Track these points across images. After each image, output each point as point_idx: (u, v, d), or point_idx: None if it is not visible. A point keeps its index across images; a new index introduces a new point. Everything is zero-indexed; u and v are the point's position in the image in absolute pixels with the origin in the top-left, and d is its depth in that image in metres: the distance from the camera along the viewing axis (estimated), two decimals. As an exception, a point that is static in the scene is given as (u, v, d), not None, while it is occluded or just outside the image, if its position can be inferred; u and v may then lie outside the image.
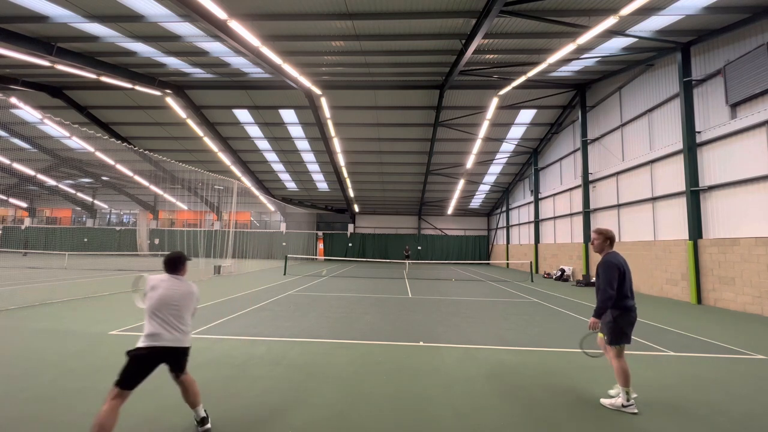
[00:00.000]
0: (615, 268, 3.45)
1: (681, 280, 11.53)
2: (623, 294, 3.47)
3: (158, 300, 2.83)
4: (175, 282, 2.97)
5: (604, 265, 3.51)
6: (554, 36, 12.27)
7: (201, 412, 2.96)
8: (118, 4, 11.37)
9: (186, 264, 3.11)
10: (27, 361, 4.53)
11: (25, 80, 17.73)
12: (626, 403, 3.44)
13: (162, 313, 2.82)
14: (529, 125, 20.55)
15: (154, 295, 2.85)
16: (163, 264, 3.05)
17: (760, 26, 9.66)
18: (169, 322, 2.83)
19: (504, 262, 28.36)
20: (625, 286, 3.48)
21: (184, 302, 2.94)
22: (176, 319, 2.86)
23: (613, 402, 3.53)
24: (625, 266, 3.53)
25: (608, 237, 3.66)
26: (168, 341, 2.80)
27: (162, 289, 2.88)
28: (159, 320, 2.81)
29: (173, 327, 2.84)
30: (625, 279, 3.48)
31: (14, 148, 25.30)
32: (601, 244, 3.68)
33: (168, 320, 2.83)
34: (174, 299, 2.88)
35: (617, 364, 3.51)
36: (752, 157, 9.58)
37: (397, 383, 4.07)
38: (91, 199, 35.51)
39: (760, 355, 5.44)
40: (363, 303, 9.61)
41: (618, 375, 3.49)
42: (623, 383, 3.46)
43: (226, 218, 34.42)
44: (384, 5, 11.07)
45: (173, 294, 2.89)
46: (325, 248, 34.36)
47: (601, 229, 3.74)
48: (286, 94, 18.23)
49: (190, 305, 3.00)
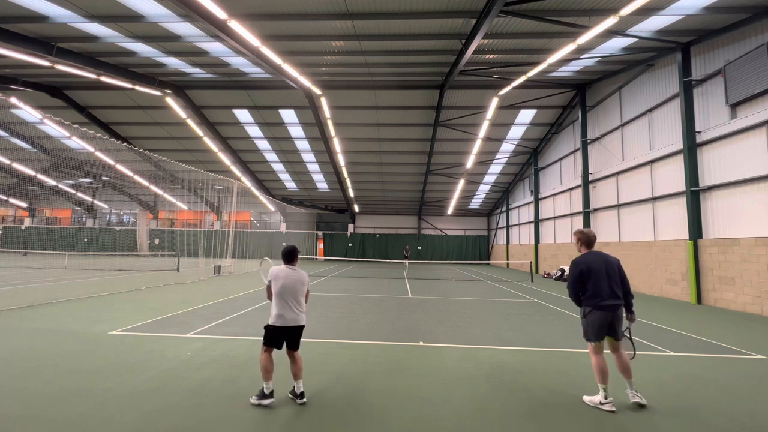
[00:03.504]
0: (576, 269, 3.62)
1: (681, 280, 11.53)
2: (593, 293, 3.55)
3: (282, 287, 3.54)
4: (291, 272, 3.65)
5: (570, 265, 3.72)
6: (554, 36, 12.26)
7: (300, 386, 3.52)
8: (118, 4, 11.37)
9: (298, 255, 3.79)
10: (27, 361, 4.53)
11: (25, 80, 17.73)
12: (603, 401, 3.49)
13: (285, 298, 3.53)
14: (529, 125, 20.55)
15: (277, 283, 3.55)
16: (281, 255, 3.77)
17: (760, 26, 9.65)
18: (291, 304, 3.55)
19: (504, 262, 28.36)
20: (593, 285, 3.55)
21: (300, 287, 3.63)
22: (295, 302, 3.58)
23: (591, 399, 3.58)
24: (595, 266, 3.58)
25: (579, 239, 3.83)
26: (290, 321, 3.53)
27: (282, 278, 3.57)
28: (283, 303, 3.53)
29: (293, 309, 3.55)
30: (590, 278, 3.55)
31: (14, 148, 25.29)
32: (576, 245, 3.89)
33: (290, 303, 3.55)
34: (292, 286, 3.58)
35: (593, 360, 3.60)
36: (752, 157, 9.58)
37: (397, 383, 4.07)
38: (91, 199, 35.51)
39: (760, 355, 5.44)
40: (363, 303, 9.60)
41: (594, 370, 3.58)
42: (599, 380, 3.54)
43: (226, 218, 34.41)
44: (384, 5, 11.06)
45: (292, 282, 3.59)
46: (325, 248, 34.36)
47: (577, 230, 3.91)
48: (286, 94, 18.23)
49: (303, 289, 3.68)
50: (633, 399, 3.55)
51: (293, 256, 3.74)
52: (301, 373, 3.59)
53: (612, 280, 3.57)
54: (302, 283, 3.65)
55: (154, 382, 3.94)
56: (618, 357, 3.62)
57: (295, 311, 3.55)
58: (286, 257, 3.74)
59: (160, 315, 7.40)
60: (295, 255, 3.75)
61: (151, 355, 4.84)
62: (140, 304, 8.54)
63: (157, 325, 6.42)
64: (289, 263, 3.72)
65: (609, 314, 3.53)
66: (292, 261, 3.73)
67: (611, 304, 3.52)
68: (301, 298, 3.63)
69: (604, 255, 3.69)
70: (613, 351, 3.65)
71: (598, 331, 3.55)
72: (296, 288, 3.59)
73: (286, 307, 3.52)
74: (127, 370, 4.26)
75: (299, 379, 3.56)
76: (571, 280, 3.65)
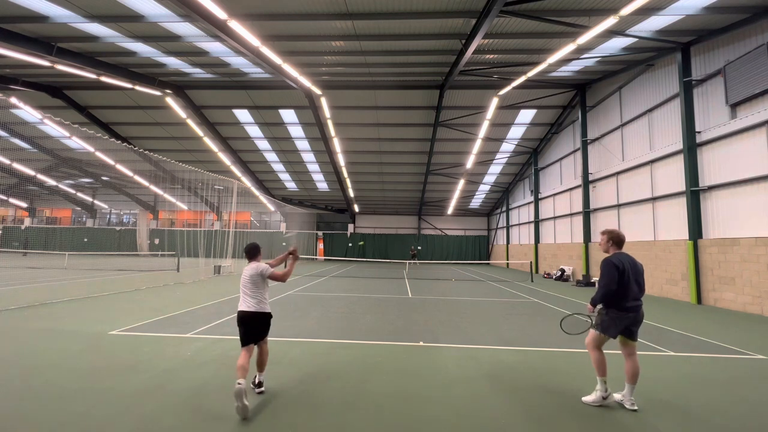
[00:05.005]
0: (613, 267, 3.55)
1: (681, 280, 11.53)
2: (620, 294, 3.53)
3: (241, 282, 3.87)
4: (248, 267, 3.88)
5: (604, 264, 3.64)
6: (554, 36, 12.26)
7: (260, 377, 3.80)
8: (118, 4, 11.37)
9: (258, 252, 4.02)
10: (27, 360, 4.53)
11: (25, 80, 17.73)
12: (605, 394, 3.52)
13: (243, 289, 3.79)
14: (529, 125, 20.55)
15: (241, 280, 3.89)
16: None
17: (760, 26, 9.65)
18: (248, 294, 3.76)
19: (504, 262, 28.36)
20: (624, 287, 3.52)
21: (256, 279, 3.80)
22: (253, 291, 3.77)
23: (592, 399, 3.59)
24: (628, 267, 3.57)
25: (611, 238, 3.78)
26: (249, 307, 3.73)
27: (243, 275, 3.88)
28: (243, 294, 3.79)
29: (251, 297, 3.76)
30: (623, 280, 3.53)
31: (14, 148, 25.29)
32: (605, 244, 3.82)
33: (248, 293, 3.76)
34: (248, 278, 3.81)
35: (593, 353, 3.62)
36: (752, 157, 9.58)
37: (397, 383, 4.07)
38: (91, 199, 35.50)
39: (760, 355, 5.44)
40: (363, 303, 9.61)
41: (594, 364, 3.60)
42: (599, 373, 3.56)
43: (226, 218, 34.40)
44: (384, 5, 11.06)
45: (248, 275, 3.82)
46: (325, 248, 34.36)
47: (607, 230, 3.85)
48: (286, 94, 18.23)
49: (259, 279, 3.83)
50: (627, 404, 3.53)
51: (253, 253, 3.99)
52: (264, 366, 3.84)
53: (637, 283, 3.59)
54: (258, 275, 3.83)
55: (154, 382, 3.94)
56: (631, 361, 3.57)
57: (253, 299, 3.74)
58: (247, 255, 4.02)
59: (160, 315, 7.40)
60: (254, 253, 3.99)
61: (151, 355, 4.84)
62: (140, 304, 8.54)
63: (157, 325, 6.42)
64: (250, 260, 3.97)
65: (632, 315, 3.54)
66: (253, 258, 3.97)
67: (634, 305, 3.54)
68: (257, 289, 3.79)
69: (632, 257, 3.70)
70: (628, 354, 3.61)
71: (615, 330, 3.56)
72: (252, 279, 3.79)
73: (245, 297, 3.77)
74: (127, 370, 4.27)
75: (261, 371, 3.81)
76: (608, 278, 3.53)
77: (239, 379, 3.27)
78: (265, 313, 3.79)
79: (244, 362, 3.48)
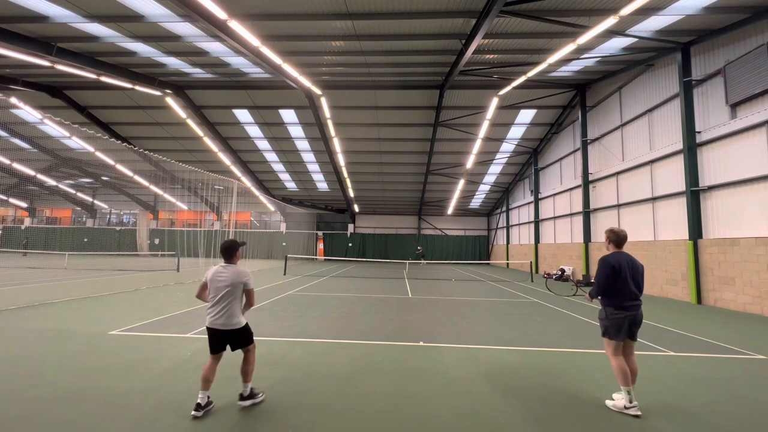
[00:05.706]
0: (607, 265, 3.59)
1: (681, 280, 11.53)
2: (616, 292, 3.55)
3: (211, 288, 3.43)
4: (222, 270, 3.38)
5: (600, 262, 3.69)
6: (554, 36, 12.26)
7: (247, 388, 3.42)
8: (118, 4, 11.37)
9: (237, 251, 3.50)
10: (27, 361, 4.53)
11: (25, 80, 17.72)
12: (628, 405, 3.41)
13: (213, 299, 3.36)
14: (529, 125, 20.55)
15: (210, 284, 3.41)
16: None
17: (760, 26, 9.65)
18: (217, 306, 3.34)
19: (504, 262, 28.36)
20: (620, 285, 3.55)
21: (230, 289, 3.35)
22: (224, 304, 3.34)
23: (615, 404, 3.53)
24: (625, 266, 3.58)
25: (609, 237, 3.82)
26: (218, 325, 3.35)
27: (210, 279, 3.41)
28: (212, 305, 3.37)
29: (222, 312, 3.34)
30: (619, 279, 3.55)
31: (14, 148, 25.28)
32: (606, 242, 3.87)
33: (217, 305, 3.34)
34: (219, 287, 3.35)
35: (612, 362, 3.54)
36: (752, 157, 9.58)
37: (397, 383, 4.07)
38: (91, 199, 35.49)
39: (760, 355, 5.44)
40: (363, 303, 9.60)
41: (615, 373, 3.51)
42: (621, 382, 3.45)
43: (226, 218, 34.41)
44: (384, 5, 11.06)
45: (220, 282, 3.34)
46: (325, 248, 34.36)
47: (610, 228, 3.87)
48: (286, 94, 18.22)
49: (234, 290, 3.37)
50: (631, 412, 3.47)
51: (230, 252, 3.40)
52: (251, 376, 3.41)
53: (635, 283, 3.60)
54: (241, 283, 3.33)
55: (154, 382, 3.94)
56: (630, 361, 3.58)
57: (224, 312, 3.27)
58: (223, 254, 3.43)
59: (160, 315, 7.40)
60: (231, 251, 3.40)
61: (151, 355, 4.84)
62: (140, 304, 8.54)
63: (157, 325, 6.41)
64: (227, 260, 3.41)
65: (630, 314, 3.54)
66: (229, 258, 3.41)
67: (631, 304, 3.55)
68: (233, 299, 3.31)
69: (632, 257, 3.71)
70: (626, 354, 3.61)
71: (617, 330, 3.54)
72: (233, 286, 3.28)
73: (215, 306, 3.29)
74: (127, 370, 4.26)
75: (247, 382, 3.40)
76: (603, 276, 3.60)
77: (201, 392, 3.16)
78: (238, 330, 3.32)
79: (209, 372, 3.18)
